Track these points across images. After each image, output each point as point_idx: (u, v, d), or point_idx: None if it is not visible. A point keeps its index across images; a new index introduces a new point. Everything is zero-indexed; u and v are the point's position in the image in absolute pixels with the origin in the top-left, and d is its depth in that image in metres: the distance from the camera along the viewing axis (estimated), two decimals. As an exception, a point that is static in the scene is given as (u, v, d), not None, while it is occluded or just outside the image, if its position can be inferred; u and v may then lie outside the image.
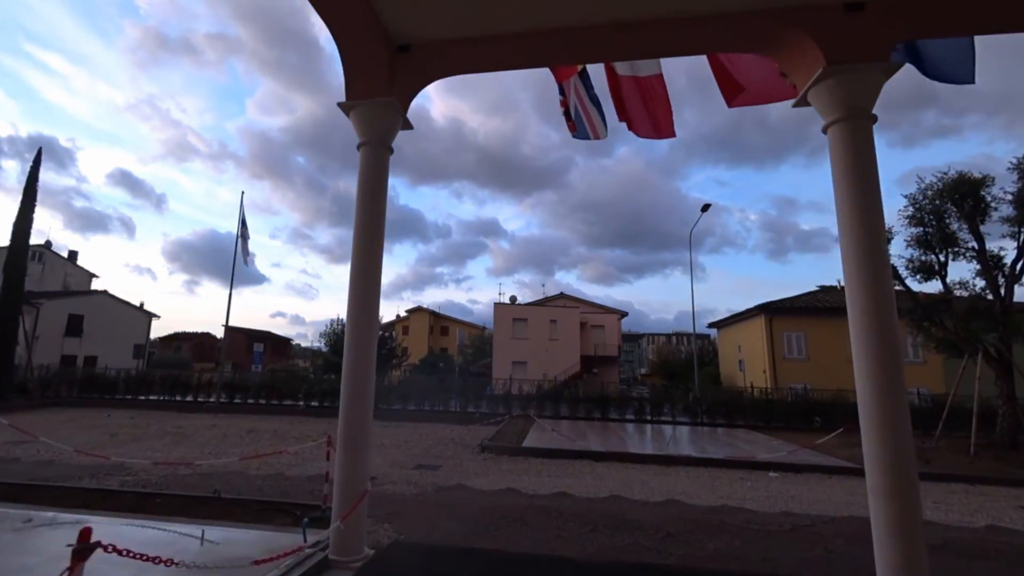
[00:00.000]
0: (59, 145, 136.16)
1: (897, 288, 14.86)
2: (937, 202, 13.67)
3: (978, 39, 4.90)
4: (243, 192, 23.11)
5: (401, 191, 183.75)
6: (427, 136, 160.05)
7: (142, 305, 42.29)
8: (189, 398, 21.24)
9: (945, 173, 13.98)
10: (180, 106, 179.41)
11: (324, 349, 35.76)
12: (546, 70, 6.24)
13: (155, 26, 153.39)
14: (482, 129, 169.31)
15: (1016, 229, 13.35)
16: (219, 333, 62.06)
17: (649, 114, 6.34)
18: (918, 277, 14.55)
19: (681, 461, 10.62)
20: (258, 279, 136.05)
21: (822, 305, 28.04)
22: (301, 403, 20.12)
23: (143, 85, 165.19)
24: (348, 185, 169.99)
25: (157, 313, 43.54)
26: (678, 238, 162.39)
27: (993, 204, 13.67)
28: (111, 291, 41.84)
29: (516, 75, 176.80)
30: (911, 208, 14.19)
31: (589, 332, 37.80)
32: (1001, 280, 13.82)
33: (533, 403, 19.16)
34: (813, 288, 31.55)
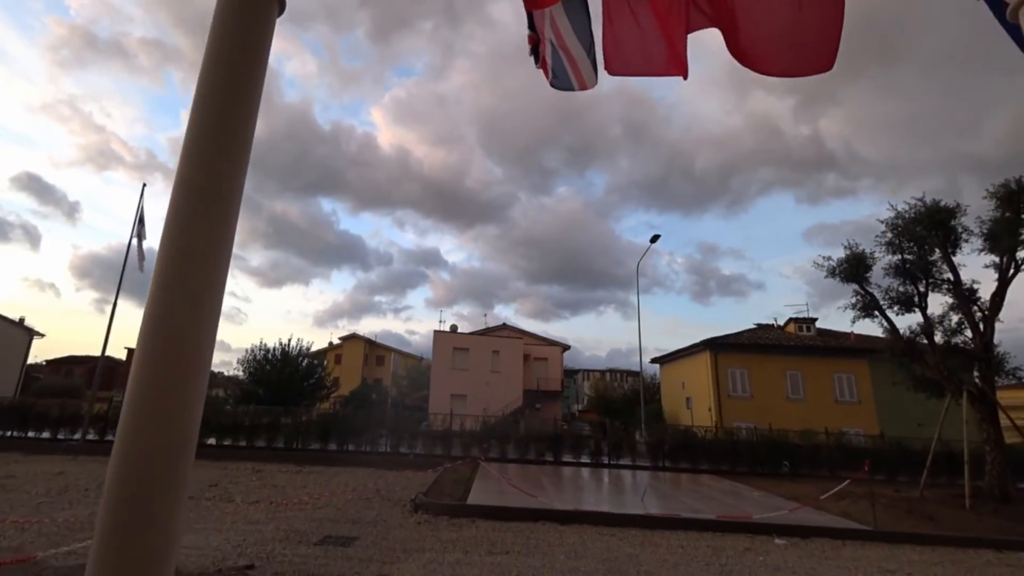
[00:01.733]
0: None
1: (877, 320, 13.87)
2: (918, 228, 12.83)
3: (870, 111, 3.34)
4: (144, 185, 19.34)
5: (342, 216, 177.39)
6: (372, 163, 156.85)
7: (22, 321, 35.94)
8: (46, 435, 17.01)
9: (920, 200, 13.29)
10: (105, 110, 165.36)
11: (242, 377, 31.35)
12: (493, 105, 4.12)
13: (83, 24, 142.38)
14: (427, 160, 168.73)
15: (997, 260, 12.69)
16: (124, 356, 54.82)
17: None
18: (896, 309, 13.60)
19: (666, 523, 8.50)
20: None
21: (764, 342, 27.74)
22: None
23: (65, 85, 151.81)
24: (285, 206, 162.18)
25: (41, 331, 37.08)
26: (612, 277, 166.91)
27: (964, 235, 13.03)
28: None
29: (464, 107, 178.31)
30: (889, 234, 13.33)
31: (532, 365, 35.76)
32: (979, 314, 13.07)
33: (477, 443, 16.62)
34: (751, 326, 31.39)
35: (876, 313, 13.42)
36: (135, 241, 18.18)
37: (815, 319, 30.34)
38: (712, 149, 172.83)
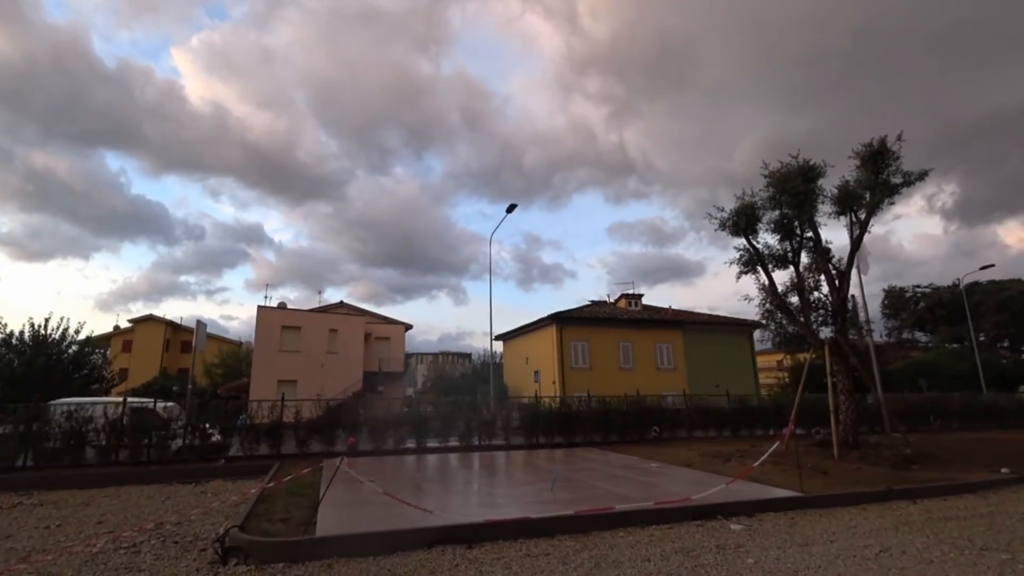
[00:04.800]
0: None
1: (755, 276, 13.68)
2: (798, 182, 12.68)
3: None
4: None
5: (136, 178, 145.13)
6: (178, 118, 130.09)
7: None
8: None
9: (794, 157, 13.26)
10: None
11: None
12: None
13: None
14: (249, 122, 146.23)
15: (853, 219, 13.16)
16: None
17: None
18: (772, 265, 13.53)
19: (602, 521, 6.35)
20: None
21: (602, 316, 28.80)
22: None
23: None
24: (55, 163, 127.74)
25: None
26: (445, 263, 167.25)
27: (820, 198, 13.35)
28: None
29: (294, 68, 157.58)
30: (772, 188, 13.05)
31: (373, 345, 31.98)
32: (835, 272, 13.57)
33: (319, 435, 12.88)
34: (586, 303, 32.39)
35: (758, 268, 13.20)
36: None
37: (642, 295, 32.85)
38: (539, 146, 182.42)
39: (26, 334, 22.26)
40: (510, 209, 20.57)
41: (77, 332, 23.64)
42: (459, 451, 13.97)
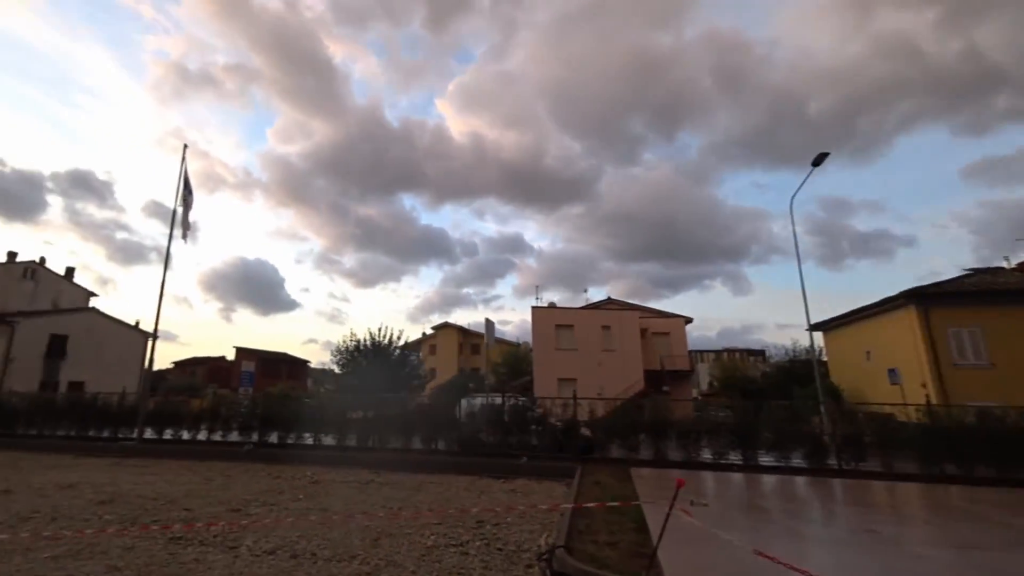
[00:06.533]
0: (96, 178, 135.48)
1: None
2: None
3: None
4: (185, 145, 17.45)
5: (422, 211, 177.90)
6: (447, 154, 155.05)
7: (137, 324, 36.69)
8: (107, 434, 14.81)
9: None
10: (206, 138, 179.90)
11: (337, 370, 29.22)
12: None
13: (177, 60, 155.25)
14: (501, 143, 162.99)
15: None
16: (240, 356, 56.24)
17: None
18: None
19: None
20: (289, 305, 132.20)
21: (1005, 288, 19.73)
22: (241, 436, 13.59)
23: (170, 119, 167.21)
24: (370, 211, 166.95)
25: (153, 333, 37.81)
26: (718, 248, 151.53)
27: None
28: (101, 309, 36.39)
29: (530, 83, 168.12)
30: None
31: (651, 341, 30.08)
32: None
33: (619, 436, 11.66)
34: (964, 272, 23.17)
35: None
36: (180, 209, 15.57)
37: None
38: (828, 87, 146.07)
39: (368, 342, 27.71)
40: (817, 161, 16.03)
41: (398, 339, 28.51)
42: (802, 474, 10.76)
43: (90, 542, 5.53)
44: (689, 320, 32.41)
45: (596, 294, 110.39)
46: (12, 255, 36.78)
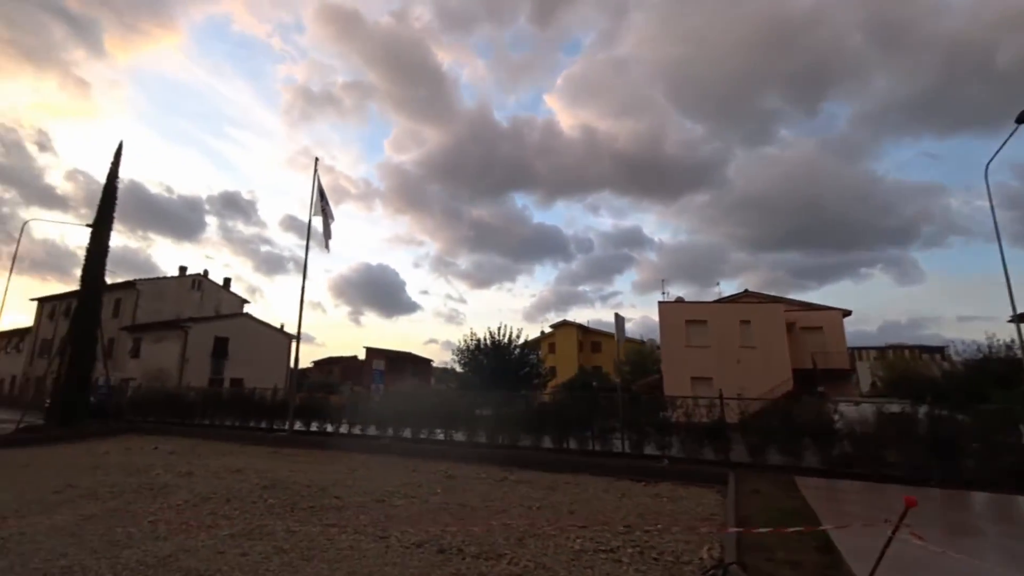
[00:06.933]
0: (242, 199, 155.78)
1: None
2: None
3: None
4: (316, 159, 17.75)
5: (534, 210, 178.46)
6: (557, 150, 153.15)
7: (282, 327, 41.54)
8: (264, 425, 16.63)
9: None
10: (331, 154, 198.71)
11: (459, 369, 30.35)
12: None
13: (302, 84, 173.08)
14: (614, 133, 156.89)
15: None
16: (370, 356, 61.05)
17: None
18: None
19: None
20: (410, 307, 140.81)
21: None
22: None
23: (298, 139, 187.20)
24: (482, 212, 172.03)
25: (298, 336, 42.65)
26: (877, 231, 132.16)
27: None
28: (254, 314, 41.86)
29: (644, 66, 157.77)
30: None
31: (800, 337, 26.88)
32: None
33: (775, 441, 10.22)
34: None
35: None
36: (317, 219, 16.94)
37: None
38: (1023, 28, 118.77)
39: (488, 341, 28.19)
40: (1022, 117, 13.02)
41: (518, 337, 28.64)
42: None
43: (259, 523, 5.93)
44: (848, 313, 28.47)
45: (727, 287, 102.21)
46: (183, 269, 43.17)
